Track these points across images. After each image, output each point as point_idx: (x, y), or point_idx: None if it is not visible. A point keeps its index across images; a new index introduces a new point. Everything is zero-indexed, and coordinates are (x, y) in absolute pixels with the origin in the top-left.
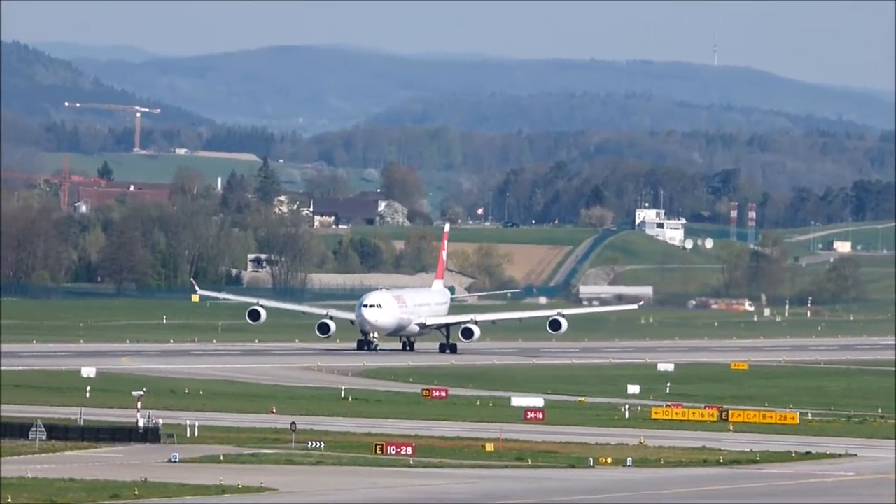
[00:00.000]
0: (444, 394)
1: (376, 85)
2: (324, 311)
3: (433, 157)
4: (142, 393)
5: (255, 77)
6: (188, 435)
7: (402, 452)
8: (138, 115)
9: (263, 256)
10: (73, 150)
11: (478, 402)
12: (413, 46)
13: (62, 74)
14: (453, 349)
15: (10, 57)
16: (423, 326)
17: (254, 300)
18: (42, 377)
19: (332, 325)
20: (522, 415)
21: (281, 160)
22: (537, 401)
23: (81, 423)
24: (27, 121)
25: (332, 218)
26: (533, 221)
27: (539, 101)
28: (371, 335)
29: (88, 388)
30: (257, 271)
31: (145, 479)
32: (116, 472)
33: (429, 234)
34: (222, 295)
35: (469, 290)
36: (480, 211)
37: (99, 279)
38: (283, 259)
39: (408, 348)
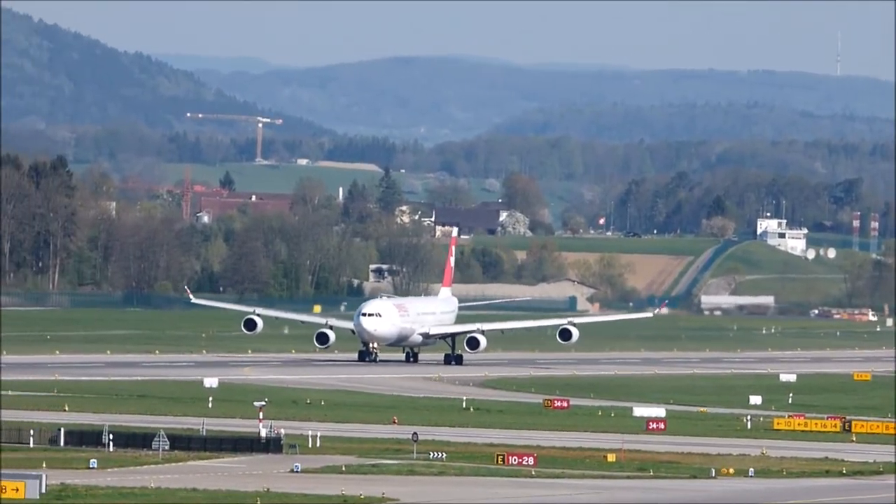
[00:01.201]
0: (565, 404)
1: (497, 95)
2: (323, 321)
3: (554, 167)
4: (264, 403)
5: (376, 87)
6: (310, 445)
7: (524, 463)
8: (260, 125)
9: (385, 266)
10: (196, 160)
11: (599, 413)
12: (534, 57)
13: (185, 85)
14: (459, 360)
15: (133, 68)
16: (426, 336)
17: (249, 309)
18: (165, 388)
19: (332, 336)
20: (644, 425)
21: (402, 170)
22: (659, 411)
23: (204, 433)
24: (150, 132)
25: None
26: (654, 231)
27: (660, 111)
28: (371, 345)
29: (211, 399)
30: (379, 281)
31: (267, 489)
32: (238, 482)
33: (550, 244)
34: (216, 303)
35: (591, 300)
36: (602, 221)
37: (221, 289)
38: (404, 269)
39: (411, 359)
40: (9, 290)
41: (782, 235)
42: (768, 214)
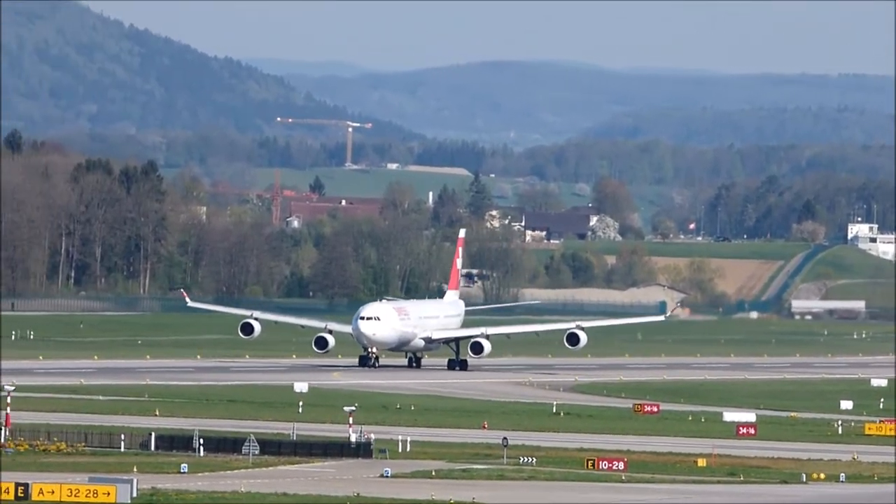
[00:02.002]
0: (655, 409)
1: (588, 99)
2: (322, 325)
3: (644, 172)
4: (354, 408)
5: (466, 92)
6: (400, 450)
7: (614, 468)
8: (350, 129)
9: (475, 271)
10: (285, 165)
11: (689, 418)
12: (625, 61)
13: (274, 90)
14: (463, 366)
15: (223, 73)
16: (428, 341)
17: (247, 313)
18: (255, 392)
19: (331, 340)
20: (734, 430)
21: (492, 174)
22: (749, 416)
23: (294, 437)
24: (240, 136)
25: (544, 232)
26: (744, 236)
27: (750, 115)
28: (370, 350)
29: (301, 403)
30: (469, 286)
31: (357, 493)
32: (329, 487)
33: (640, 249)
34: (212, 307)
35: (681, 304)
36: (692, 225)
37: (311, 294)
38: (494, 274)
39: (414, 365)
40: (100, 295)
41: (873, 240)
42: (859, 219)
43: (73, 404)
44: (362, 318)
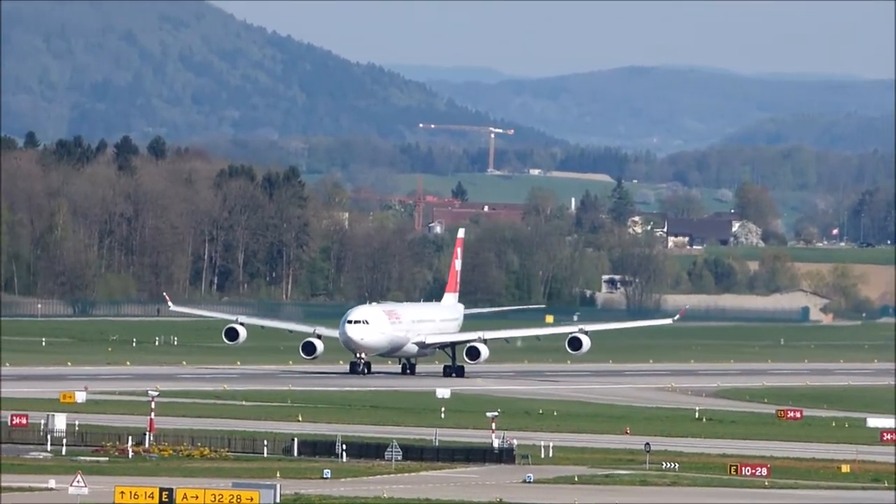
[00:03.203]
0: (798, 414)
1: (730, 105)
2: (310, 329)
3: (787, 178)
4: (496, 414)
5: (609, 98)
6: (542, 455)
7: (757, 473)
8: (492, 135)
9: (617, 277)
10: (428, 170)
11: (833, 423)
12: (767, 67)
13: (417, 96)
14: (459, 372)
15: (365, 79)
16: (422, 346)
17: (232, 317)
18: (397, 398)
19: (320, 346)
20: (878, 436)
21: (635, 180)
22: (893, 422)
23: (436, 443)
24: (382, 142)
25: (686, 238)
26: (888, 241)
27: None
28: (359, 355)
29: (443, 409)
30: (611, 292)
31: (500, 499)
32: (471, 492)
33: (783, 255)
34: (197, 311)
35: (824, 310)
36: (835, 231)
37: None
38: (637, 280)
39: (408, 371)
40: (243, 301)
41: None
42: None
43: (216, 410)
44: (350, 322)
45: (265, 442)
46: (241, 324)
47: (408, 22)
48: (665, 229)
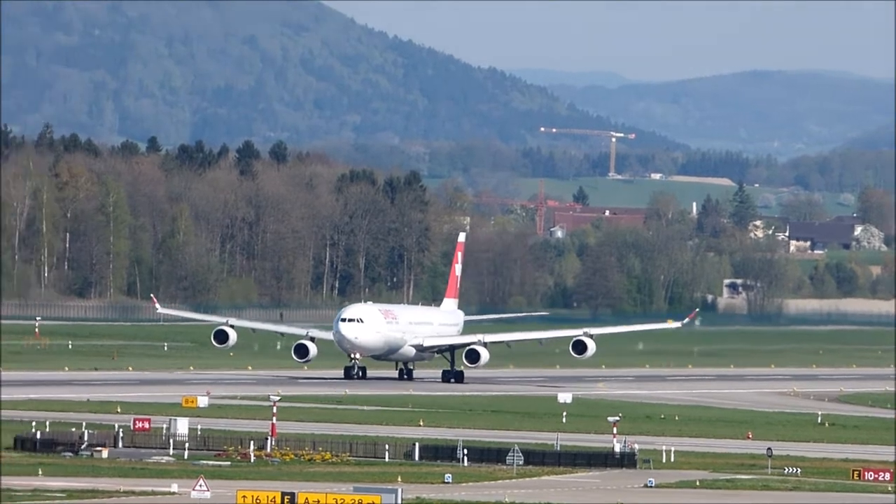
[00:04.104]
0: None
1: (853, 110)
2: (303, 332)
3: None
4: (618, 418)
5: (730, 102)
6: (664, 460)
7: (880, 479)
8: (613, 140)
9: (739, 282)
10: (549, 175)
11: None
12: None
13: (538, 100)
14: (459, 377)
15: (486, 83)
16: (420, 349)
17: (222, 320)
18: (518, 402)
19: (313, 348)
20: None
21: (756, 184)
22: None
23: (558, 447)
24: (503, 146)
25: (808, 243)
26: None
27: None
28: (352, 356)
29: (565, 414)
30: (733, 297)
31: None
32: (593, 497)
33: None
34: (185, 314)
35: None
36: None
37: (575, 304)
38: (758, 284)
39: (405, 376)
40: None
41: None
42: None
43: (337, 414)
44: (343, 321)
45: (386, 446)
46: (232, 326)
47: (530, 26)
48: (787, 233)
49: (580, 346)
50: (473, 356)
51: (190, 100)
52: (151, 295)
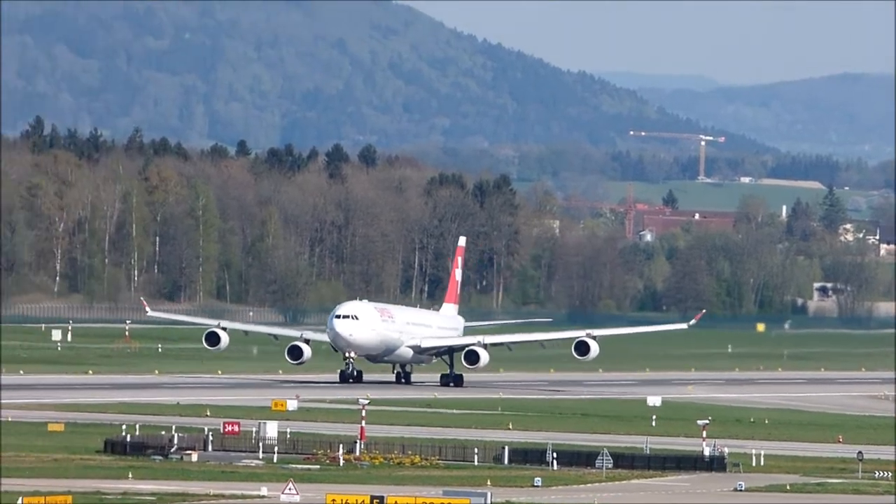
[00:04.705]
0: None
1: None
2: (297, 333)
3: None
4: (707, 422)
5: (821, 105)
6: (754, 464)
7: None
8: (703, 143)
9: (829, 285)
10: (638, 178)
11: None
12: None
13: (627, 104)
14: (458, 381)
15: (576, 87)
16: (417, 350)
17: (213, 322)
18: (608, 406)
19: (307, 350)
20: None
21: (846, 188)
22: None
23: (647, 451)
24: (593, 150)
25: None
26: None
27: None
28: (347, 355)
29: (654, 417)
30: (823, 300)
31: None
32: (682, 500)
33: None
34: (176, 316)
35: None
36: None
37: (664, 308)
38: (848, 288)
39: (402, 380)
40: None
41: None
42: None
43: (426, 418)
44: (338, 317)
45: (476, 450)
46: (224, 329)
47: (619, 29)
48: (877, 237)
49: (583, 348)
50: (472, 357)
51: (279, 103)
52: (141, 298)
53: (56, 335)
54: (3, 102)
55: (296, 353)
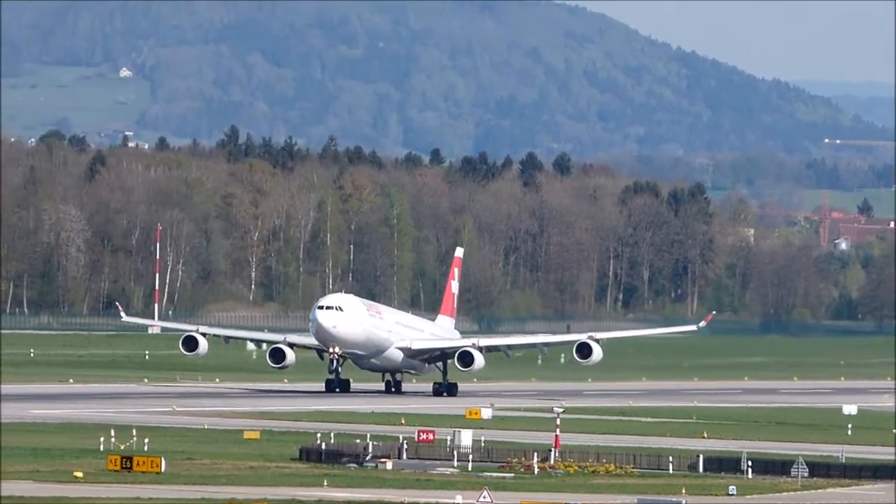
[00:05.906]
0: None
1: None
2: (280, 337)
3: None
4: None
5: None
6: None
7: None
8: None
9: None
10: (833, 186)
11: None
12: None
13: (822, 111)
14: (451, 390)
15: (770, 94)
16: (408, 353)
17: (192, 328)
18: (803, 414)
19: (290, 354)
20: None
21: None
22: None
23: (843, 460)
24: (787, 158)
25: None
26: None
27: None
28: (332, 350)
29: (850, 425)
30: None
31: None
32: None
33: None
34: (147, 321)
35: None
36: None
37: (859, 316)
38: None
39: (392, 389)
40: (647, 317)
41: None
42: None
43: (620, 426)
44: (321, 308)
45: (670, 458)
46: (203, 334)
47: (813, 37)
48: None
49: (585, 350)
50: (467, 359)
51: (473, 112)
52: (116, 303)
53: (250, 344)
54: (200, 111)
55: (278, 356)
